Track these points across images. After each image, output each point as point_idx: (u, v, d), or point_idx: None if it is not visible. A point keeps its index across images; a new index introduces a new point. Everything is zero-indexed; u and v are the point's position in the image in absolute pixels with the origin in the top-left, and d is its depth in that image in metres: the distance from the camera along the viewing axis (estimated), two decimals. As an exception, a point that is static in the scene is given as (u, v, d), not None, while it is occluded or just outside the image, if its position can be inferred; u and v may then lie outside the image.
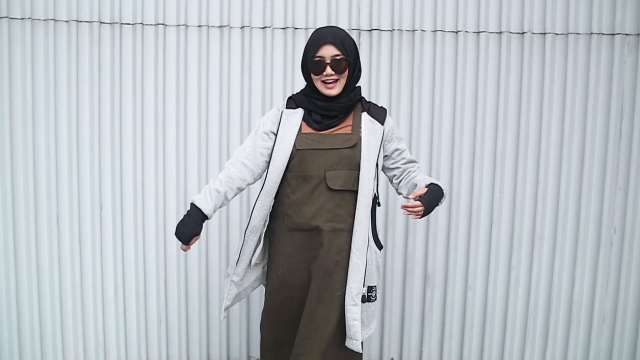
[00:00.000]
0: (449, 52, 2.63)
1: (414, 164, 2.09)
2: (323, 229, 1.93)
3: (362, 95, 2.06)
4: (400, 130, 2.42)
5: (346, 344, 1.93)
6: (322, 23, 2.60)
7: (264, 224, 2.02)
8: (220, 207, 1.94)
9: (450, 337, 2.75)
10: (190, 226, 1.88)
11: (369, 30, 2.62)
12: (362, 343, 1.95)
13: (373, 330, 2.07)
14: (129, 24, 2.57)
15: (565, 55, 2.60)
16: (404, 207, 1.85)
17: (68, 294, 2.64)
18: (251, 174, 1.96)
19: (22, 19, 2.51)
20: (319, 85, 1.94)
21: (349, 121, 1.98)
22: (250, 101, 2.65)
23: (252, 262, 2.05)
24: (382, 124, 1.98)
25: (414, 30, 2.62)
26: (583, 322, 2.69)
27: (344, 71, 1.92)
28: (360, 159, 1.92)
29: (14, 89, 2.53)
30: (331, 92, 1.92)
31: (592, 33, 2.57)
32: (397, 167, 2.06)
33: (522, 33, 2.60)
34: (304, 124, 1.97)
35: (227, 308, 2.08)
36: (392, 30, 2.62)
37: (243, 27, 2.61)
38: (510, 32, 2.61)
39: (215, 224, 2.69)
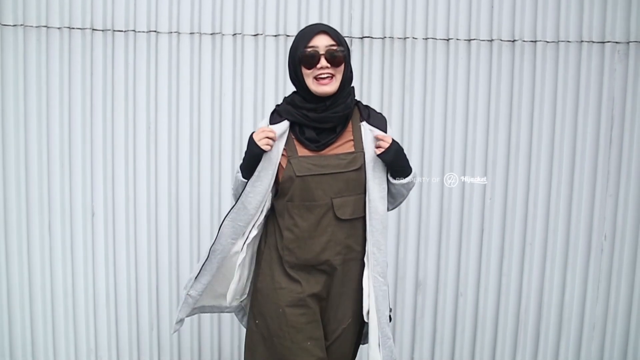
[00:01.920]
0: (440, 60, 2.64)
1: None
2: (333, 262, 1.74)
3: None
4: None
5: None
6: (314, 30, 2.61)
7: (237, 253, 1.78)
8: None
9: (441, 343, 2.76)
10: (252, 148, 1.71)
11: (361, 38, 2.63)
12: None
13: None
14: (121, 30, 2.58)
15: (555, 63, 2.61)
16: (376, 136, 1.71)
17: (60, 300, 2.64)
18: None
19: (15, 25, 2.51)
20: (310, 82, 1.68)
21: (349, 134, 1.75)
22: (242, 108, 2.65)
23: (229, 300, 1.83)
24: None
25: (405, 38, 2.63)
26: (573, 328, 2.70)
27: (340, 65, 1.68)
28: (366, 181, 1.72)
29: (6, 96, 2.53)
30: (326, 89, 1.67)
31: (582, 41, 2.59)
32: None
33: (513, 41, 2.62)
34: (298, 145, 1.73)
35: (179, 321, 1.88)
36: (383, 38, 2.63)
37: (235, 34, 2.62)
38: (501, 40, 2.62)
39: (206, 227, 2.69)
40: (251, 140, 1.72)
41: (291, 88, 2.56)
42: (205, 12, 2.60)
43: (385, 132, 1.77)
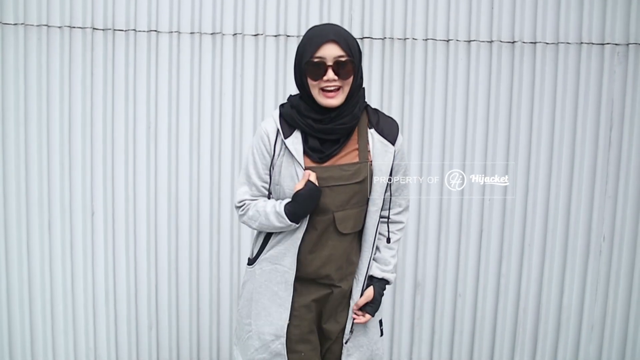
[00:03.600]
0: (440, 61, 2.64)
1: (398, 213, 1.79)
2: (334, 277, 1.68)
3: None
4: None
5: None
6: (314, 31, 2.61)
7: None
8: None
9: (440, 343, 2.76)
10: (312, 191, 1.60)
11: (361, 38, 2.63)
12: None
13: None
14: (122, 30, 2.58)
15: (555, 65, 2.62)
16: (356, 312, 1.73)
17: (59, 299, 2.64)
18: None
19: (15, 24, 2.51)
20: (316, 93, 1.59)
21: (354, 143, 1.66)
22: (242, 108, 2.65)
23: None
24: (393, 143, 1.67)
25: (405, 39, 2.64)
26: (572, 329, 2.70)
27: (349, 77, 1.58)
28: (370, 192, 1.66)
29: (7, 95, 2.53)
30: (331, 103, 1.58)
31: (582, 43, 2.59)
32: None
33: (513, 42, 2.62)
34: (304, 155, 1.65)
35: None
36: (383, 39, 2.64)
37: (235, 34, 2.62)
38: (501, 41, 2.62)
39: (206, 227, 2.69)
40: (309, 189, 1.59)
41: (291, 88, 2.58)
42: (205, 11, 2.60)
43: (395, 139, 1.68)
